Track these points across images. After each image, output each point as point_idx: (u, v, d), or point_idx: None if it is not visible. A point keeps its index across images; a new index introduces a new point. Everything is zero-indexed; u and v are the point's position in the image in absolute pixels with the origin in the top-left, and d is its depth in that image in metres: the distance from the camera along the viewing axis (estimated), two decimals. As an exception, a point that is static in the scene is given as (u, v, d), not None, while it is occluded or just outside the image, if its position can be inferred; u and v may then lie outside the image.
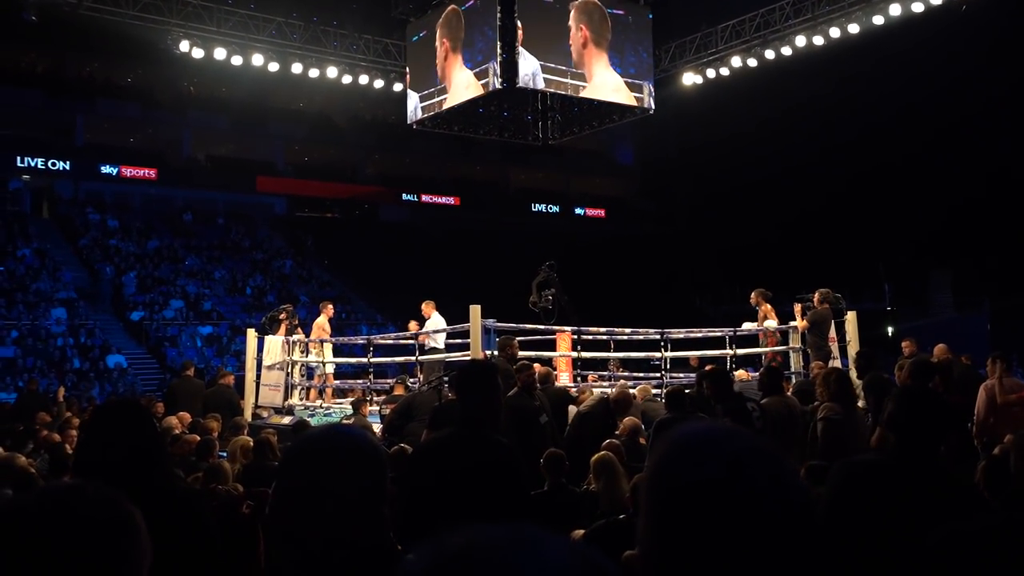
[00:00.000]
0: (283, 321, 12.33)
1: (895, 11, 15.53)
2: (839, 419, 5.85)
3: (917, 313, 31.48)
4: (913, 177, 34.57)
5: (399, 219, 40.10)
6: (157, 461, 2.34)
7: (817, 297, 10.52)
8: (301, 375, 12.40)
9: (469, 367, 3.78)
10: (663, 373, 10.90)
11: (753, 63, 17.86)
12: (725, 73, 18.45)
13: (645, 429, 6.87)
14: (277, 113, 37.41)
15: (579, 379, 10.96)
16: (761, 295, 11.26)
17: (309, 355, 12.47)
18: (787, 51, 17.26)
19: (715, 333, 11.54)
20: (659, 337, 10.97)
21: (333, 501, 1.52)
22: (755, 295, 11.32)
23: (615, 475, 5.06)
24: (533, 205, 43.66)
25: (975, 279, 31.41)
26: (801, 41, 16.88)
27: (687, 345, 12.21)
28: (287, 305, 13.38)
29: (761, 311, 11.20)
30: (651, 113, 17.67)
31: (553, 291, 11.32)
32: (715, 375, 6.75)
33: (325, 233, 36.56)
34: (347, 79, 18.50)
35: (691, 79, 18.93)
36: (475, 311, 9.60)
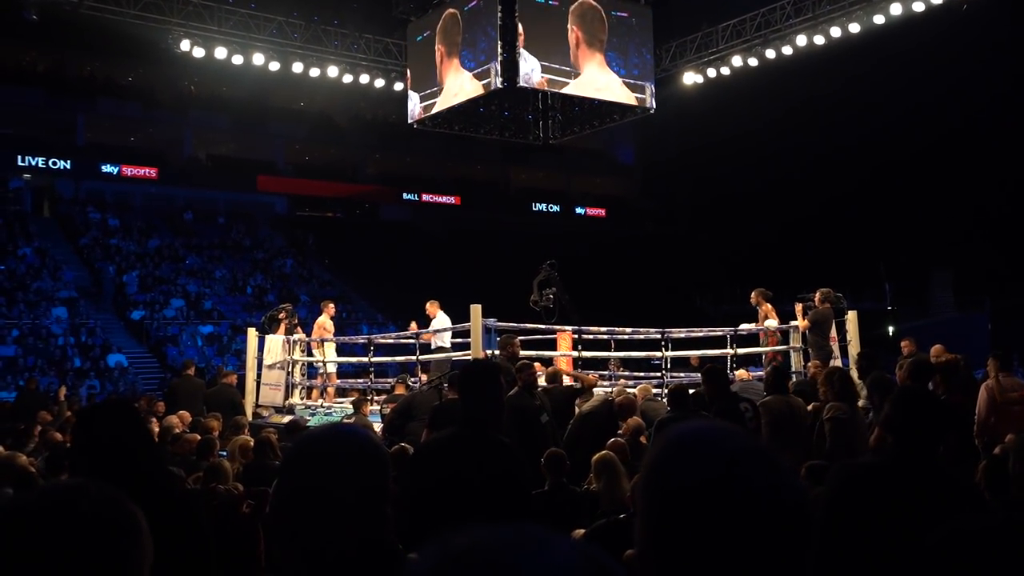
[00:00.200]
0: (283, 320, 12.33)
1: (896, 10, 15.52)
2: (847, 418, 5.85)
3: (918, 313, 31.44)
4: (914, 176, 34.57)
5: (400, 218, 40.11)
6: (147, 461, 2.33)
7: (818, 296, 10.50)
8: (302, 374, 12.40)
9: (471, 366, 3.76)
10: (664, 373, 10.90)
11: (754, 63, 17.86)
12: (726, 73, 18.45)
13: (646, 428, 6.88)
14: (278, 112, 37.40)
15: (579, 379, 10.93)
16: (761, 295, 11.24)
17: (312, 354, 12.47)
18: (788, 51, 17.26)
19: (716, 333, 11.54)
20: (660, 337, 10.97)
21: (335, 501, 1.51)
22: (755, 295, 11.31)
23: (616, 475, 5.05)
24: (534, 204, 43.65)
25: (976, 278, 31.38)
26: (802, 40, 16.88)
27: (688, 345, 12.22)
28: (286, 304, 13.36)
29: (761, 311, 11.19)
30: (652, 113, 17.68)
31: (554, 290, 11.31)
32: (711, 373, 6.75)
33: (326, 232, 36.57)
34: (348, 78, 18.50)
35: (692, 79, 18.93)
36: (476, 310, 9.59)
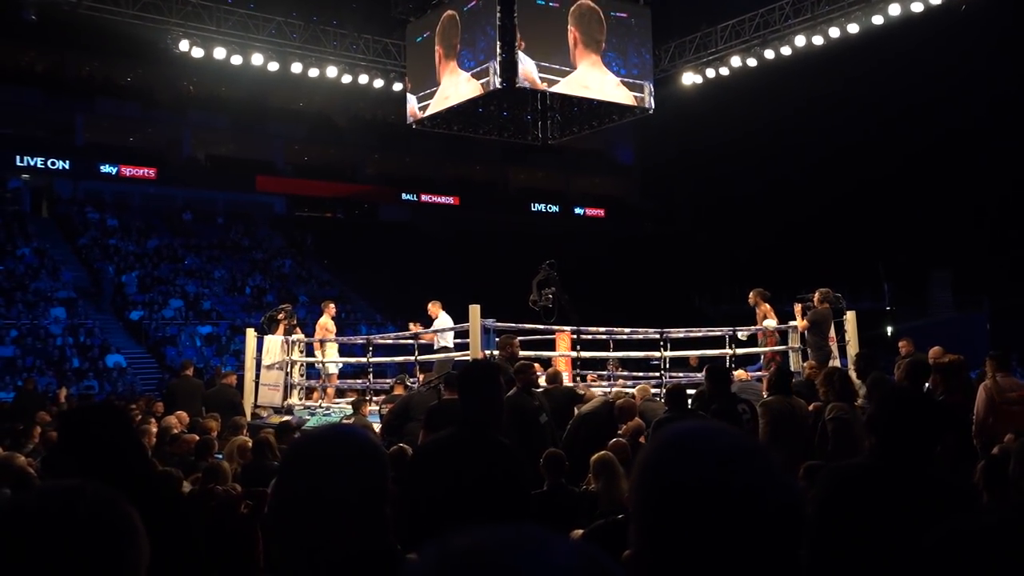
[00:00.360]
0: (282, 321, 12.30)
1: (895, 11, 15.54)
2: (849, 418, 5.89)
3: (917, 313, 31.44)
4: (913, 176, 34.58)
5: (399, 219, 40.10)
6: (134, 462, 2.31)
7: (817, 297, 10.49)
8: (300, 375, 12.38)
9: (470, 367, 3.75)
10: (662, 373, 10.90)
11: (753, 63, 17.87)
12: (725, 73, 18.46)
13: (645, 429, 6.88)
14: (277, 113, 37.39)
15: (578, 379, 10.94)
16: (759, 295, 11.23)
17: (314, 355, 12.45)
18: (787, 51, 17.28)
19: (714, 333, 11.54)
20: (658, 337, 10.96)
21: (333, 502, 1.51)
22: (753, 295, 11.30)
23: (614, 475, 5.05)
24: (533, 205, 43.63)
25: (975, 278, 31.39)
26: (801, 41, 16.90)
27: (687, 345, 12.22)
28: (286, 305, 13.33)
29: (759, 311, 11.17)
30: (651, 113, 17.70)
31: (553, 290, 11.31)
32: (713, 372, 6.76)
33: (325, 233, 36.56)
34: (347, 79, 18.50)
35: (691, 79, 18.94)
36: (474, 311, 9.59)
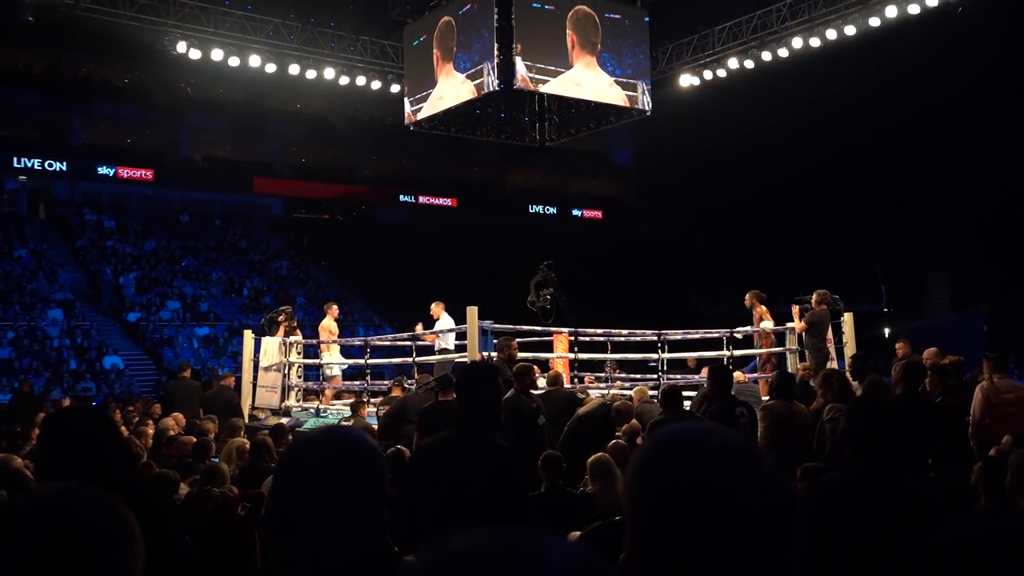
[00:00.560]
0: (282, 323, 12.27)
1: (891, 13, 15.57)
2: None
3: (914, 314, 31.46)
4: (911, 178, 34.63)
5: (396, 220, 40.07)
6: (119, 466, 2.30)
7: (815, 298, 10.50)
8: (298, 376, 12.37)
9: (469, 369, 3.74)
10: (660, 374, 10.89)
11: (750, 65, 17.89)
12: (722, 75, 18.48)
13: (641, 430, 6.88)
14: (274, 114, 37.39)
15: (576, 380, 10.94)
16: (756, 296, 11.22)
17: (319, 356, 12.41)
18: (784, 53, 17.30)
19: (712, 334, 11.54)
20: (656, 338, 10.96)
21: (330, 504, 1.50)
22: (749, 296, 11.29)
23: (611, 477, 5.05)
24: (530, 206, 43.63)
25: (972, 280, 31.43)
26: (798, 43, 16.93)
27: (684, 346, 12.21)
28: (286, 307, 13.27)
29: (755, 313, 11.17)
30: (648, 115, 17.70)
31: (551, 291, 11.31)
32: (716, 372, 6.78)
33: (322, 234, 36.54)
34: (344, 80, 18.50)
35: (688, 81, 18.96)
36: (472, 312, 9.59)
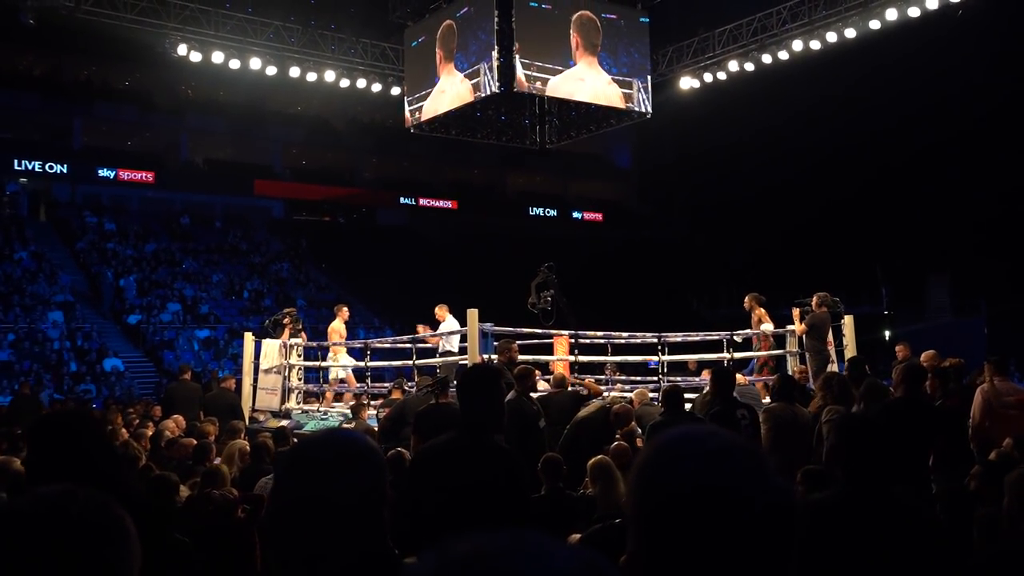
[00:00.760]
0: (287, 325, 12.25)
1: (892, 16, 15.57)
2: None
3: (914, 317, 31.45)
4: (911, 181, 34.63)
5: (397, 222, 40.09)
6: (107, 470, 2.29)
7: (815, 301, 10.50)
8: (298, 379, 12.36)
9: (472, 370, 3.73)
10: (660, 377, 10.89)
11: (750, 67, 17.89)
12: (722, 77, 18.49)
13: (641, 433, 6.88)
14: (275, 116, 37.40)
15: (576, 383, 10.91)
16: (755, 299, 11.22)
17: (325, 359, 12.39)
18: (784, 55, 17.30)
19: (712, 337, 11.54)
20: (657, 341, 10.95)
21: (331, 506, 1.50)
22: (748, 299, 11.30)
23: (612, 479, 5.05)
24: (531, 209, 43.62)
25: (973, 283, 31.42)
26: (798, 46, 16.93)
27: (685, 349, 12.21)
28: (290, 309, 13.20)
29: (754, 315, 11.17)
30: (648, 117, 17.71)
31: (552, 292, 11.31)
32: (718, 373, 6.78)
33: (323, 236, 36.55)
34: (345, 83, 18.51)
35: (688, 83, 18.97)
36: (472, 315, 9.59)
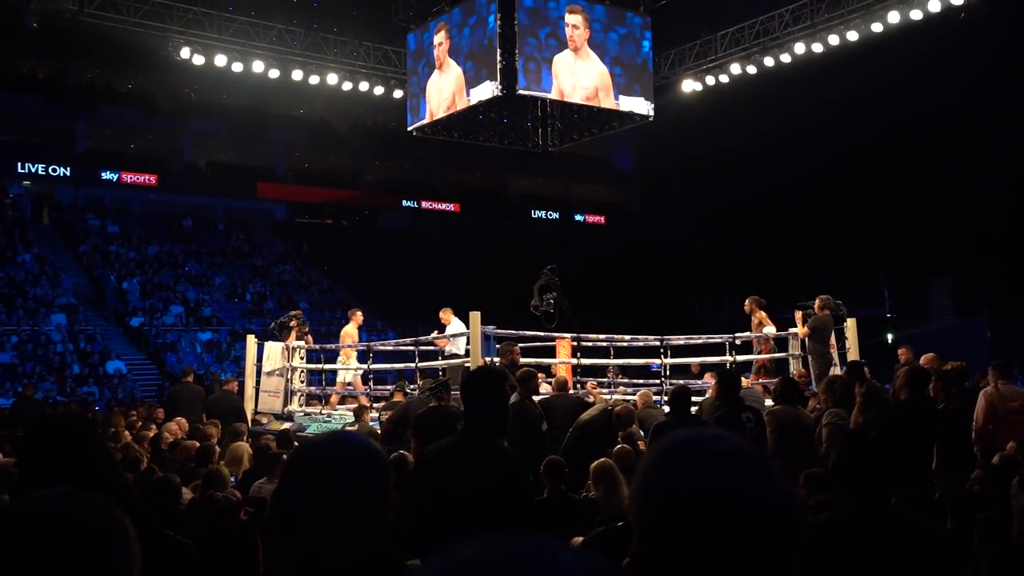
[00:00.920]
0: (294, 328, 12.23)
1: (894, 18, 15.56)
2: (844, 425, 6.02)
3: (917, 319, 31.38)
4: (913, 183, 34.58)
5: (399, 225, 40.11)
6: (102, 474, 2.28)
7: (818, 304, 10.50)
8: (301, 381, 12.36)
9: (476, 373, 3.71)
10: (663, 380, 10.88)
11: (753, 70, 17.89)
12: (725, 80, 18.49)
13: (644, 436, 6.88)
14: (277, 119, 37.45)
15: (578, 386, 10.91)
16: (755, 302, 11.21)
17: (335, 362, 12.35)
18: (786, 58, 17.30)
19: (715, 339, 11.52)
20: (659, 344, 10.94)
21: (335, 509, 1.50)
22: (749, 302, 11.29)
23: (614, 482, 5.04)
24: (533, 211, 43.59)
25: (975, 285, 31.35)
26: (800, 48, 16.92)
27: (687, 352, 12.20)
28: (297, 311, 13.13)
29: (755, 318, 11.16)
30: (650, 120, 17.69)
31: (554, 295, 11.31)
32: (722, 376, 6.79)
33: (325, 239, 36.57)
34: (347, 86, 18.53)
35: (691, 86, 18.97)
36: (475, 317, 9.59)
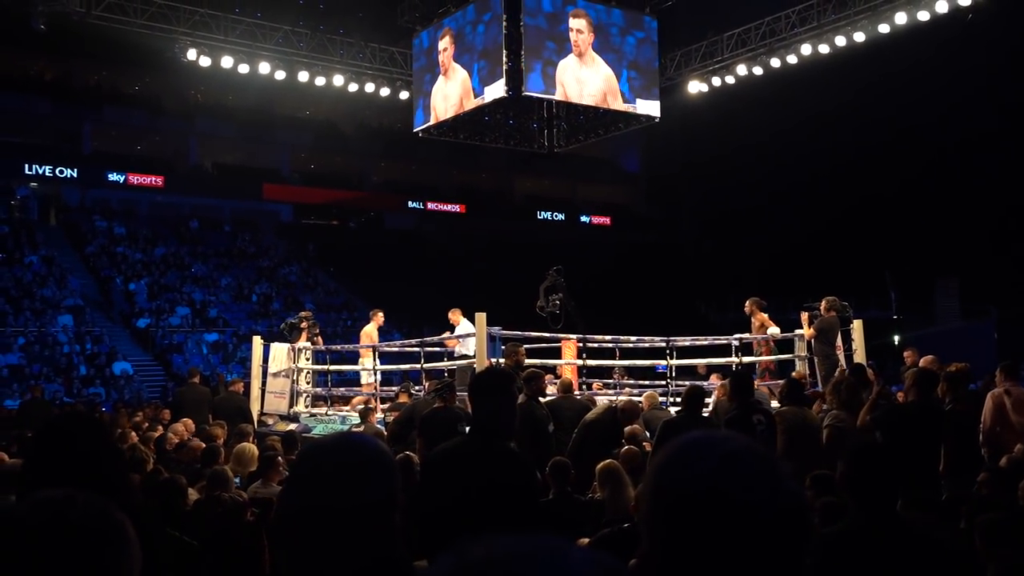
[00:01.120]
0: (304, 329, 12.24)
1: (901, 20, 15.51)
2: (844, 427, 6.07)
3: (923, 321, 31.32)
4: (920, 185, 34.49)
5: (405, 226, 40.13)
6: (112, 473, 2.28)
7: (824, 305, 10.47)
8: (307, 382, 12.37)
9: (484, 375, 3.70)
10: (668, 381, 10.86)
11: (759, 71, 17.87)
12: (731, 81, 18.46)
13: (650, 437, 6.87)
14: (283, 121, 37.53)
15: (584, 387, 10.90)
16: (755, 304, 11.19)
17: (358, 363, 12.33)
18: (793, 59, 17.27)
19: (720, 341, 11.50)
20: (664, 345, 10.93)
21: (342, 511, 1.49)
22: (749, 304, 11.27)
23: (620, 484, 5.04)
24: (539, 213, 43.59)
25: (982, 287, 31.26)
26: (807, 50, 16.89)
27: (693, 353, 12.18)
28: (306, 312, 13.13)
29: (755, 320, 11.13)
30: (656, 121, 17.68)
31: (560, 296, 11.31)
32: (735, 379, 6.79)
33: (331, 240, 36.62)
34: (353, 87, 18.56)
35: (697, 87, 18.95)
36: (480, 318, 9.59)
